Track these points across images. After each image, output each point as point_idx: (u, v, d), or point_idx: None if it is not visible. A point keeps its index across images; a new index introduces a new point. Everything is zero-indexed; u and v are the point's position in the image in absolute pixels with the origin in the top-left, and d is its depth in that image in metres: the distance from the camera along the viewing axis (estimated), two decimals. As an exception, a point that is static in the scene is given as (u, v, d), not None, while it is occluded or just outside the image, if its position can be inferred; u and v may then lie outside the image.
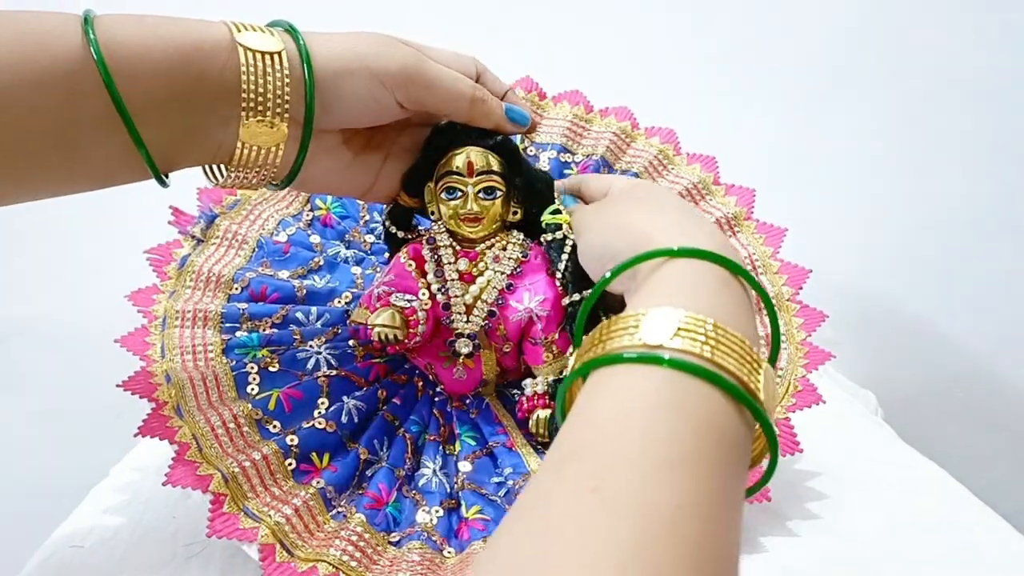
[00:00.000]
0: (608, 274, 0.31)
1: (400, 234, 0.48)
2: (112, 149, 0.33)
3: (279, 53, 0.34)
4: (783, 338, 0.51)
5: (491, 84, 0.44)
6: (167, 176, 0.36)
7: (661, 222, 0.33)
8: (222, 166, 0.38)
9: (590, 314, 0.31)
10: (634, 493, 0.21)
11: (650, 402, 0.24)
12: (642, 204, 0.37)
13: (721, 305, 0.27)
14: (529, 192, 0.45)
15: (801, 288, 0.53)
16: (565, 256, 0.43)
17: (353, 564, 0.39)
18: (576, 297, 0.43)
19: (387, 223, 0.47)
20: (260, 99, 0.34)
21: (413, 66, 0.38)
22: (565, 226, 0.43)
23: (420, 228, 0.48)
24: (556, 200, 0.45)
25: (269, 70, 0.34)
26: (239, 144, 0.35)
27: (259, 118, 0.35)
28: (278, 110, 0.35)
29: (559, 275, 0.44)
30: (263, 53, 0.34)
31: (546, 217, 0.44)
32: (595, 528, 0.20)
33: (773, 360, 0.31)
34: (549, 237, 0.44)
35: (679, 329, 0.25)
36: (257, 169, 0.37)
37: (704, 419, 0.23)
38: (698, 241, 0.30)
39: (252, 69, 0.34)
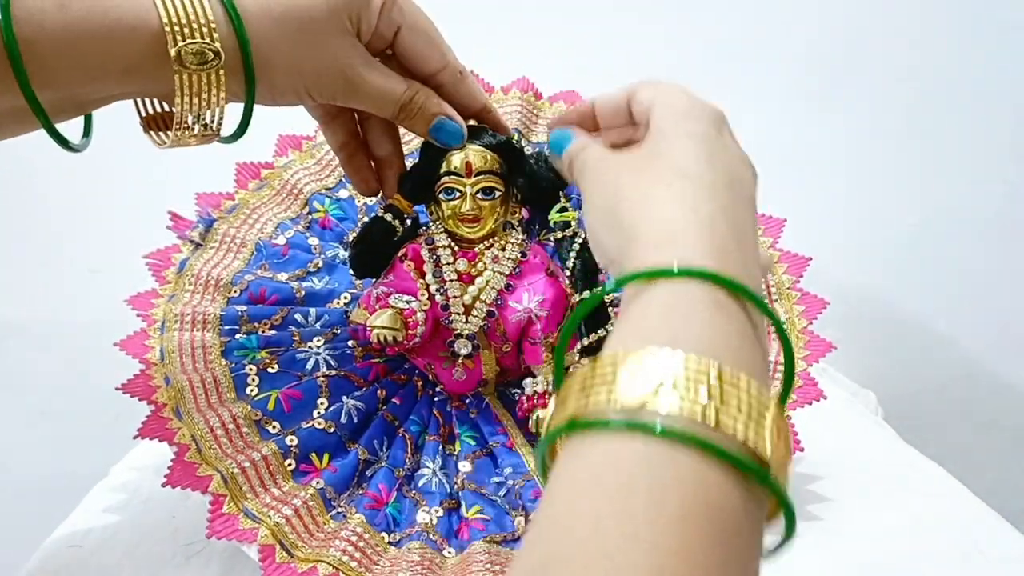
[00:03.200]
0: (590, 293, 0.29)
1: (396, 224, 0.46)
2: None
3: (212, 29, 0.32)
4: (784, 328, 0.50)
5: (464, 92, 0.42)
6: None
7: (649, 215, 0.26)
8: (163, 103, 0.37)
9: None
10: None
11: (626, 487, 0.19)
12: (646, 171, 0.29)
13: (723, 338, 0.22)
14: (533, 192, 0.44)
15: (802, 276, 0.53)
16: (574, 254, 0.43)
17: (353, 564, 0.39)
18: (586, 295, 0.43)
19: (384, 213, 0.46)
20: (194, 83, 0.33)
21: (340, 85, 0.37)
22: (574, 223, 0.43)
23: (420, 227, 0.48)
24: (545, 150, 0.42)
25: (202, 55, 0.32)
26: (177, 88, 0.33)
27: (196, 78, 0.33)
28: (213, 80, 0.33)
29: (568, 273, 0.44)
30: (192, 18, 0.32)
31: (553, 215, 0.44)
32: None
33: (785, 399, 0.25)
34: (559, 235, 0.44)
35: (662, 381, 0.20)
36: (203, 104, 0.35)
37: (695, 500, 0.19)
38: (689, 246, 0.24)
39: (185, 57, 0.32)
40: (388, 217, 0.45)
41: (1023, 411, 0.90)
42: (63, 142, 0.34)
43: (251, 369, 0.46)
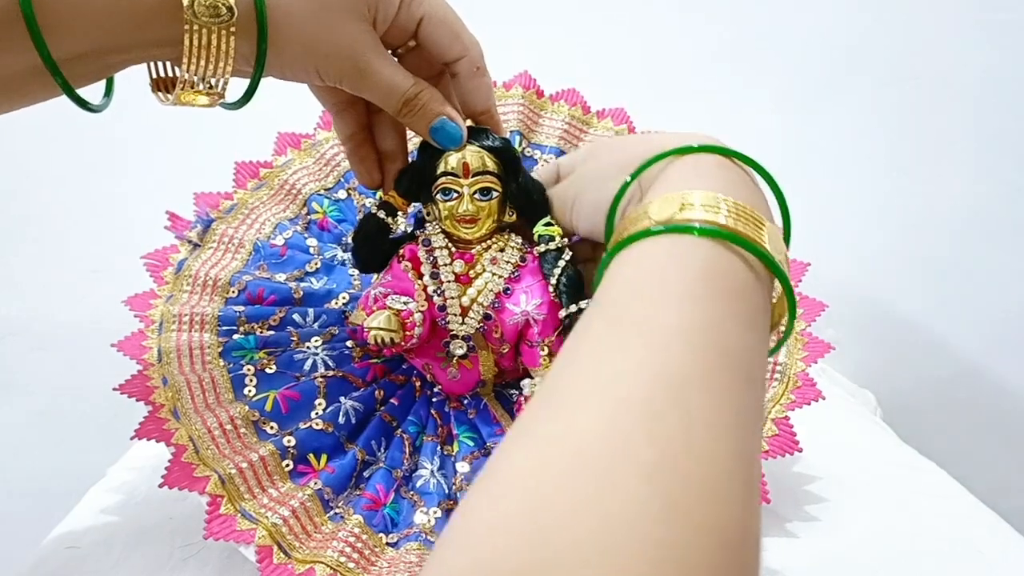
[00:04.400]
0: (628, 178, 0.35)
1: (389, 221, 0.45)
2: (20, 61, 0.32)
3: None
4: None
5: (473, 87, 0.43)
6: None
7: (658, 140, 0.36)
8: (171, 66, 0.37)
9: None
10: (653, 318, 0.25)
11: (662, 257, 0.28)
12: (629, 141, 0.41)
13: (724, 182, 0.31)
14: (524, 201, 0.44)
15: (800, 281, 0.53)
16: (560, 267, 0.43)
17: (351, 565, 0.39)
18: (573, 309, 0.42)
19: (377, 210, 0.45)
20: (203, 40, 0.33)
21: (349, 69, 0.38)
22: (558, 237, 0.43)
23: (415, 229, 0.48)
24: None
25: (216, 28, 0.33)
26: (187, 46, 0.34)
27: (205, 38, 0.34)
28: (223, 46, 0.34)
29: (553, 286, 0.44)
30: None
31: (539, 228, 0.43)
32: (621, 347, 0.24)
33: (787, 231, 0.35)
34: (542, 248, 0.44)
35: (683, 205, 0.29)
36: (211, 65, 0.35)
37: (710, 267, 0.27)
38: (694, 142, 0.34)
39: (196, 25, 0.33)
40: (381, 214, 0.45)
41: (1023, 411, 0.90)
42: (80, 102, 0.34)
43: (249, 370, 0.46)
